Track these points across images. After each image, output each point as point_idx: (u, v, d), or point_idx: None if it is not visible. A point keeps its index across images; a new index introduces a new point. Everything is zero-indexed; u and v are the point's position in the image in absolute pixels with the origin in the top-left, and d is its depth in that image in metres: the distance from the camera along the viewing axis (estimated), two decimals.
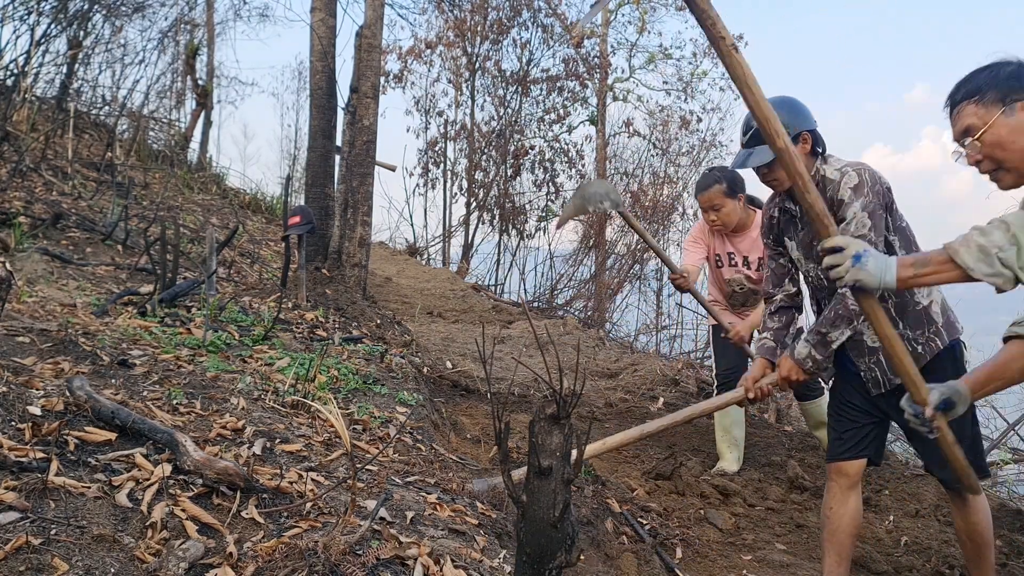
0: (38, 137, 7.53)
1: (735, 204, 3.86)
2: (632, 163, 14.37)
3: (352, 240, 5.77)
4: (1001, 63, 2.00)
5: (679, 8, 14.94)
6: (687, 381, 6.12)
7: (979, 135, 1.94)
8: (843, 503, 2.62)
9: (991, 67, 2.00)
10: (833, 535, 2.61)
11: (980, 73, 2.00)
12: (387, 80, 14.03)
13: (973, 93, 1.97)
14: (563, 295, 13.05)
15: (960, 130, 2.00)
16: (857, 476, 2.65)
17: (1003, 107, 1.91)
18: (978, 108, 1.95)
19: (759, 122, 1.87)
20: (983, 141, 1.94)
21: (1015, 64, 1.97)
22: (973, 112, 1.96)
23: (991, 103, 1.93)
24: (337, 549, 1.71)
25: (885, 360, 2.52)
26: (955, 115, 2.02)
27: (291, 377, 3.17)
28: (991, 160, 1.95)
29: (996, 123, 1.91)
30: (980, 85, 1.96)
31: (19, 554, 1.54)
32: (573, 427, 1.62)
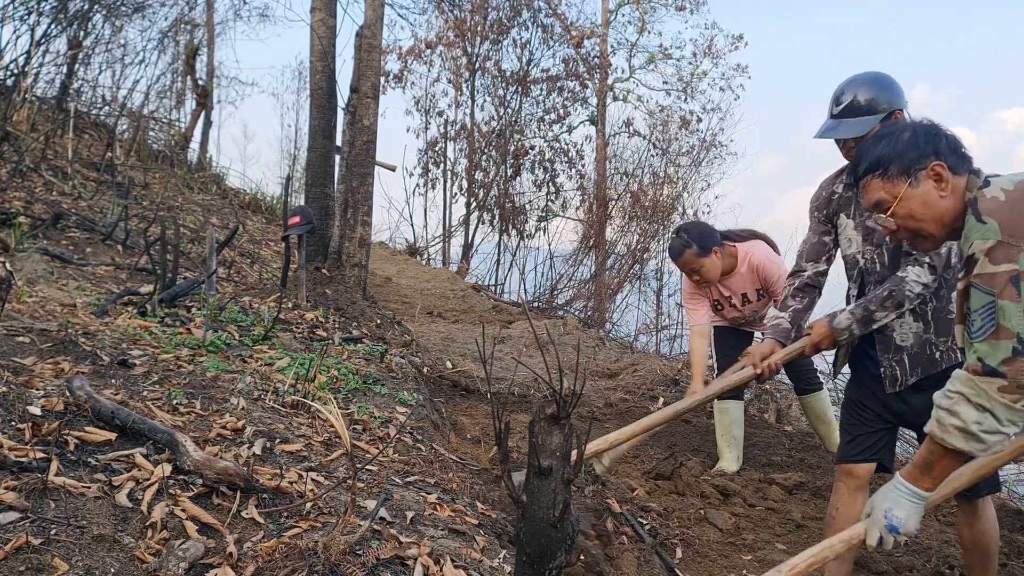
0: (38, 137, 7.53)
1: (712, 259, 3.82)
2: (632, 163, 14.38)
3: (352, 240, 5.77)
4: (896, 130, 2.00)
5: (679, 8, 14.95)
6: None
7: (891, 210, 1.96)
8: (850, 505, 2.60)
9: (887, 136, 2.00)
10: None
11: (878, 144, 2.00)
12: (387, 80, 14.04)
13: (876, 167, 1.97)
14: (563, 295, 13.06)
15: (870, 203, 2.01)
16: (866, 479, 2.63)
17: (909, 179, 1.93)
18: (884, 183, 1.96)
19: None
20: (896, 215, 1.95)
21: (910, 131, 1.98)
22: (880, 187, 1.97)
23: (895, 176, 1.94)
24: (337, 549, 1.71)
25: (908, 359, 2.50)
26: (862, 189, 2.03)
27: (291, 377, 3.17)
28: (906, 231, 1.97)
29: (905, 196, 1.93)
30: (880, 159, 1.97)
31: (19, 554, 1.54)
32: (573, 427, 1.62)
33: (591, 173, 14.55)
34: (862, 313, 2.48)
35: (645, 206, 13.48)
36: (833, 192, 2.71)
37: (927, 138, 1.95)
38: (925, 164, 1.92)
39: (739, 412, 4.19)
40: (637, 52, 15.21)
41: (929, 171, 1.92)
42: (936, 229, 1.93)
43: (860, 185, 2.03)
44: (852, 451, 2.62)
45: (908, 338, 2.50)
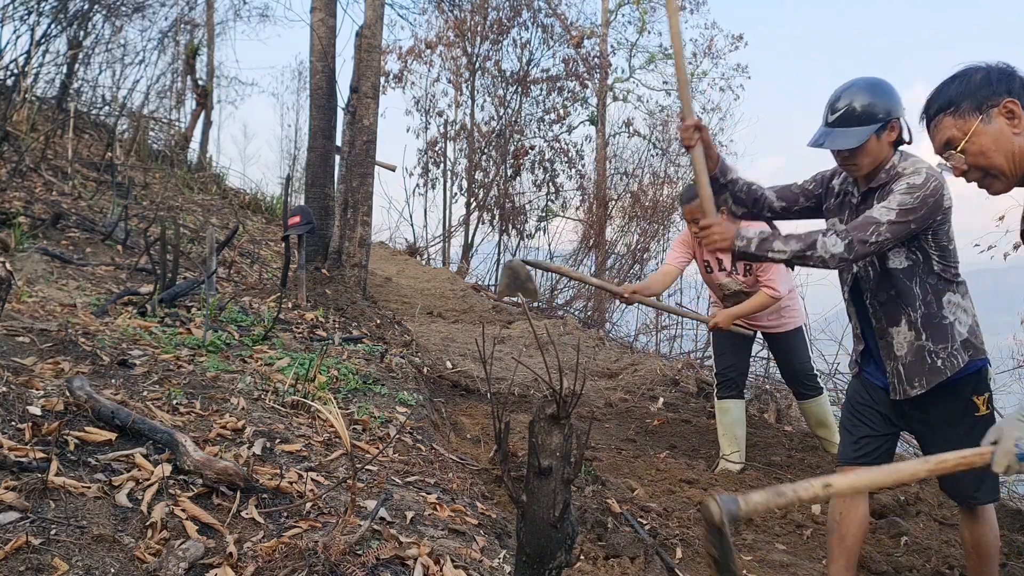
0: (38, 137, 7.53)
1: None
2: (632, 163, 14.38)
3: (352, 240, 5.77)
4: (970, 70, 1.98)
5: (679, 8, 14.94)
6: (687, 381, 6.13)
7: (961, 146, 1.92)
8: (853, 509, 2.58)
9: (961, 76, 1.98)
10: (842, 541, 2.59)
11: (951, 84, 1.98)
12: (387, 80, 14.04)
13: (947, 105, 1.95)
14: (563, 295, 13.05)
15: (940, 143, 1.98)
16: None
17: (980, 115, 1.90)
18: (955, 120, 1.94)
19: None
20: (967, 151, 1.92)
21: (984, 70, 1.96)
22: (951, 124, 1.94)
23: (968, 113, 1.92)
24: (337, 549, 1.71)
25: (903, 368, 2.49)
26: (932, 129, 2.00)
27: (291, 377, 3.17)
28: (977, 169, 1.93)
29: (976, 132, 1.90)
30: (953, 96, 1.95)
31: (19, 554, 1.54)
32: (573, 427, 1.62)
33: (591, 173, 14.56)
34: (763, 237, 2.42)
35: (645, 206, 13.48)
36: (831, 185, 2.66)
37: (1000, 76, 1.94)
38: (998, 101, 1.90)
39: (740, 411, 4.19)
40: (637, 52, 15.23)
41: (1002, 108, 1.90)
42: (1007, 166, 1.89)
43: (931, 126, 1.99)
44: (854, 453, 2.60)
45: (903, 347, 2.48)
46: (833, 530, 2.62)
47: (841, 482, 1.71)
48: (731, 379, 4.17)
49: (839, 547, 2.60)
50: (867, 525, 2.65)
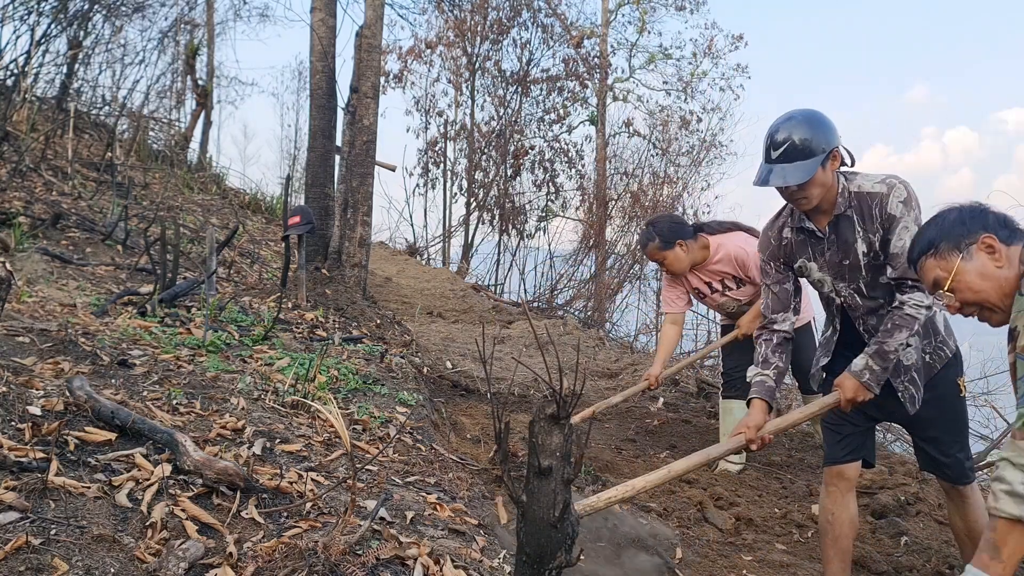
0: (38, 137, 7.53)
1: (675, 252, 3.92)
2: (632, 163, 14.37)
3: (352, 240, 5.77)
4: (944, 212, 2.06)
5: (679, 8, 14.96)
6: (687, 381, 6.12)
7: (948, 285, 1.99)
8: (844, 508, 2.60)
9: (936, 219, 2.06)
10: (836, 541, 2.60)
11: (928, 228, 2.07)
12: (387, 80, 14.04)
13: (928, 248, 2.03)
14: (563, 295, 13.05)
15: (929, 284, 2.06)
16: (855, 479, 2.65)
17: (960, 254, 1.97)
18: (937, 261, 2.00)
19: None
20: (955, 290, 1.98)
21: (956, 210, 2.04)
22: (934, 265, 2.01)
23: (947, 253, 1.99)
24: (337, 549, 1.71)
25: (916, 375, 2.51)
26: (919, 271, 2.08)
27: (291, 377, 3.17)
28: (970, 304, 1.99)
29: (960, 270, 1.96)
30: (932, 239, 2.02)
31: (19, 554, 1.54)
32: (573, 427, 1.62)
33: (591, 173, 14.55)
34: (875, 349, 2.44)
35: (645, 206, 13.47)
36: (783, 239, 2.65)
37: (973, 214, 2.02)
38: (974, 238, 1.97)
39: (743, 411, 4.19)
40: (637, 52, 15.22)
41: (980, 244, 1.96)
42: (999, 299, 1.95)
43: (917, 268, 2.07)
44: (841, 452, 2.63)
45: (911, 355, 2.50)
46: (826, 532, 2.63)
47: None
48: (737, 379, 4.18)
49: (834, 548, 2.61)
50: (858, 524, 2.67)
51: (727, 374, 4.25)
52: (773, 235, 2.67)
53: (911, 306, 2.39)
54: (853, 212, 2.45)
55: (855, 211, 2.44)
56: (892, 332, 2.42)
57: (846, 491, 2.62)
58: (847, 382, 2.46)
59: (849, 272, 2.51)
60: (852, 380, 2.45)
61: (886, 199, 2.40)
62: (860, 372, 2.44)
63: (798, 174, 2.37)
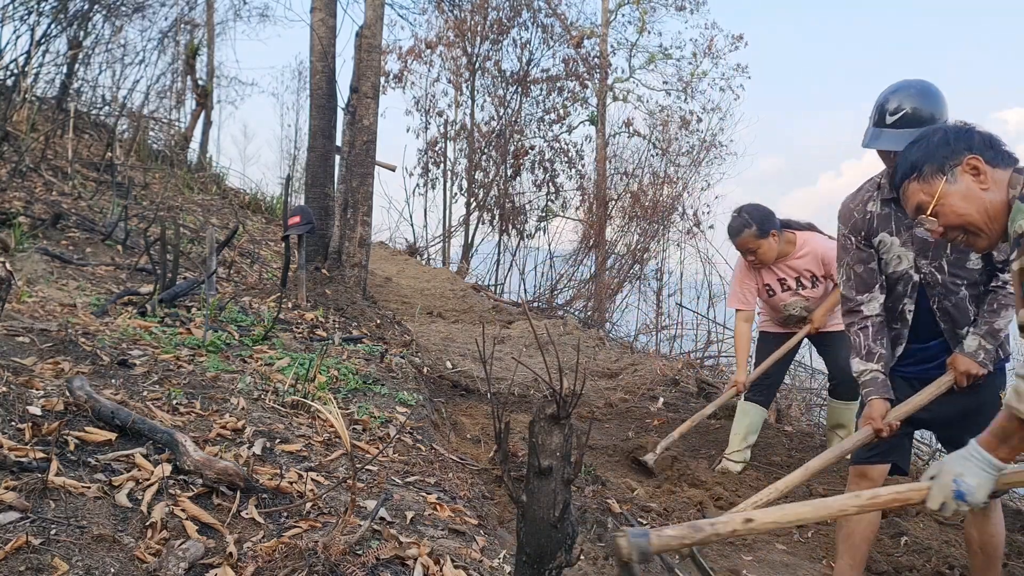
0: (38, 137, 7.53)
1: (769, 242, 3.89)
2: (632, 163, 14.37)
3: (352, 240, 5.77)
4: (928, 132, 2.00)
5: (679, 8, 14.96)
6: (687, 381, 6.12)
7: (931, 209, 1.93)
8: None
9: (920, 140, 2.00)
10: (848, 538, 2.59)
11: (911, 149, 2.00)
12: (387, 80, 14.03)
13: (911, 171, 1.97)
14: (563, 295, 13.04)
15: (912, 208, 1.99)
16: (880, 481, 2.59)
17: (944, 176, 1.91)
18: (920, 184, 1.95)
19: None
20: (938, 214, 1.93)
21: (941, 130, 1.98)
22: (918, 189, 1.96)
23: (931, 176, 1.93)
24: (337, 549, 1.71)
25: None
26: (903, 198, 2.02)
27: (291, 377, 3.17)
28: (954, 229, 1.93)
29: (943, 193, 1.91)
30: (915, 161, 1.96)
31: (19, 554, 1.54)
32: (573, 427, 1.62)
33: (591, 173, 14.55)
34: (985, 329, 2.42)
35: (645, 206, 13.47)
36: (867, 212, 2.57)
37: (959, 135, 1.95)
38: (959, 159, 1.91)
39: (759, 417, 4.21)
40: (637, 52, 15.21)
41: (965, 166, 1.90)
42: (984, 222, 1.89)
43: (900, 194, 2.01)
44: (868, 452, 2.58)
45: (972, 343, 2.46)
46: (841, 525, 2.62)
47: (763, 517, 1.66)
48: (762, 385, 4.19)
49: (846, 543, 2.60)
50: (876, 527, 2.64)
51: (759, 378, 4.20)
52: (856, 207, 2.59)
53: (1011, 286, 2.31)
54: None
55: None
56: (999, 311, 2.41)
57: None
58: (961, 361, 2.44)
59: (934, 248, 2.46)
60: (965, 359, 2.43)
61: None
62: (975, 352, 2.42)
63: (901, 141, 2.30)
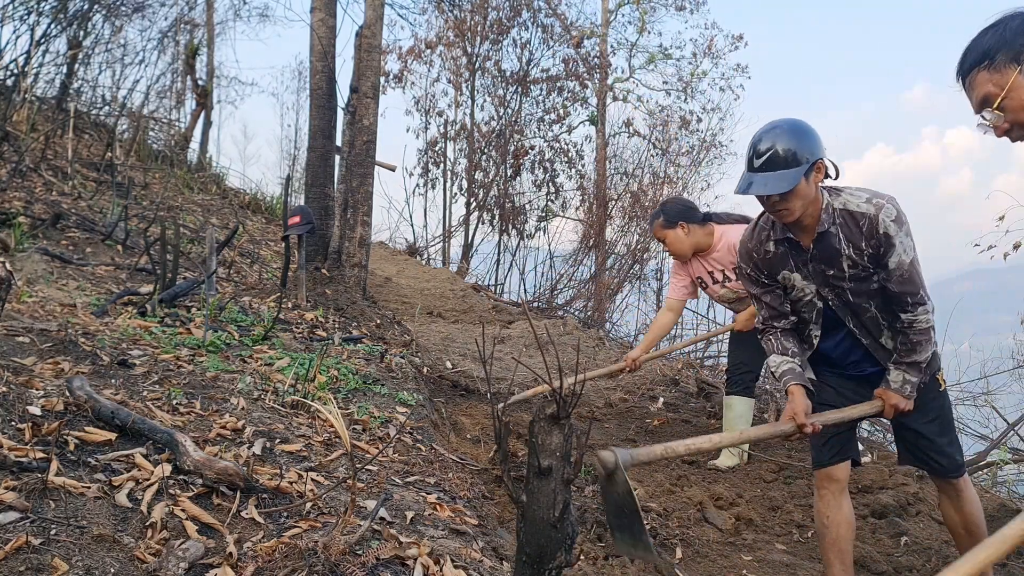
0: (38, 137, 7.53)
1: (676, 233, 4.00)
2: (632, 163, 14.37)
3: (352, 240, 5.77)
4: (1006, 18, 1.76)
5: (679, 8, 14.96)
6: (687, 381, 6.12)
7: (998, 103, 1.72)
8: (838, 509, 2.60)
9: (996, 25, 1.76)
10: (835, 543, 2.60)
11: (985, 35, 1.77)
12: (387, 80, 14.04)
13: (982, 59, 1.74)
14: (563, 295, 13.04)
15: (978, 101, 1.77)
16: (846, 479, 2.64)
17: (1019, 67, 1.70)
18: (991, 74, 1.73)
19: None
20: (1006, 108, 1.72)
21: (1021, 16, 1.74)
22: (987, 79, 1.74)
23: (1003, 65, 1.71)
24: (337, 549, 1.71)
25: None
26: (968, 86, 1.79)
27: (291, 377, 3.17)
28: (1020, 126, 1.73)
29: (1015, 85, 1.70)
30: (988, 48, 1.74)
31: (19, 554, 1.54)
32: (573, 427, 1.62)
33: (591, 173, 14.55)
34: (906, 367, 2.46)
35: (645, 206, 13.47)
36: (766, 252, 2.58)
37: None
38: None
39: (745, 408, 4.23)
40: (637, 52, 15.22)
41: None
42: None
43: (966, 83, 1.80)
44: (827, 454, 2.62)
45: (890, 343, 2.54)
46: (824, 535, 2.63)
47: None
48: (739, 376, 4.23)
49: (833, 550, 2.61)
50: (854, 523, 2.66)
51: (730, 371, 4.32)
52: (754, 248, 2.60)
53: (921, 322, 2.39)
54: (839, 229, 2.40)
55: (840, 228, 2.40)
56: (915, 349, 2.43)
57: (838, 492, 2.62)
58: (889, 396, 2.49)
59: (834, 280, 2.48)
60: (894, 394, 2.48)
61: (875, 220, 2.34)
62: (901, 387, 2.47)
63: (780, 183, 2.31)
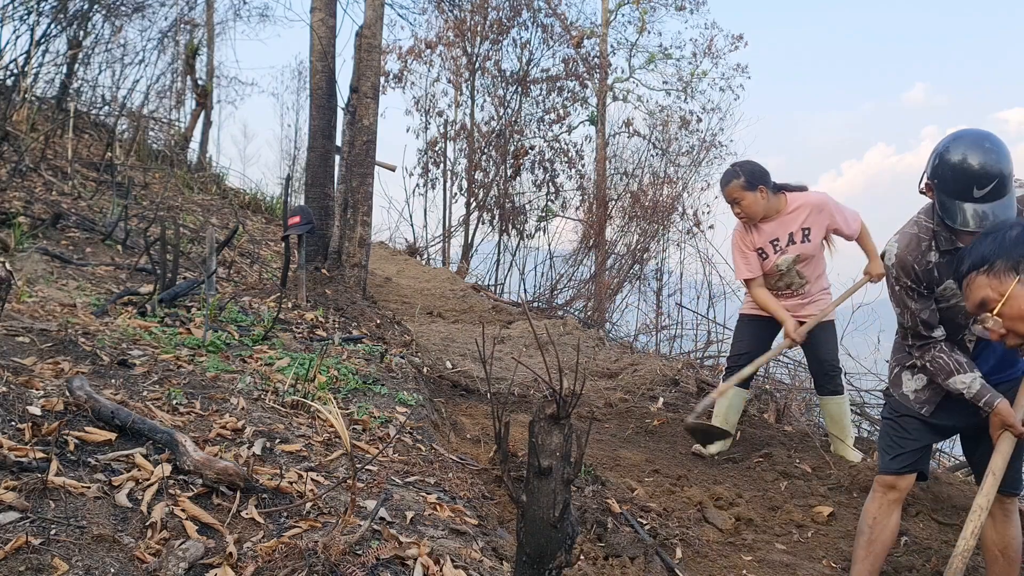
0: (38, 137, 7.53)
1: (755, 196, 3.98)
2: (632, 163, 14.38)
3: (352, 240, 5.77)
4: (1003, 226, 1.84)
5: (679, 8, 14.97)
6: (687, 381, 6.12)
7: (997, 309, 1.78)
8: (887, 515, 2.59)
9: (994, 232, 1.84)
10: (871, 544, 2.61)
11: (984, 241, 1.83)
12: (387, 80, 14.04)
13: (980, 263, 1.81)
14: (563, 295, 13.05)
15: (975, 304, 1.83)
16: (906, 491, 2.63)
17: (1017, 276, 1.75)
18: (990, 280, 1.79)
19: None
20: (1003, 315, 1.78)
21: (1019, 227, 1.82)
22: (985, 284, 1.80)
23: (1002, 272, 1.78)
24: (337, 549, 1.71)
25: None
26: (965, 287, 1.86)
27: (291, 377, 3.17)
28: (1016, 335, 1.79)
29: (1013, 294, 1.75)
30: (987, 254, 1.81)
31: (19, 554, 1.54)
32: (573, 427, 1.62)
33: (591, 173, 14.55)
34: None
35: (645, 206, 13.48)
36: (928, 263, 2.41)
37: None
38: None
39: (738, 398, 4.27)
40: (637, 52, 15.23)
41: None
42: None
43: (963, 284, 1.87)
44: (897, 464, 2.61)
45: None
46: (863, 532, 2.63)
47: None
48: (740, 367, 4.24)
49: (866, 549, 2.61)
50: (896, 535, 2.66)
51: (731, 359, 4.37)
52: (916, 260, 2.41)
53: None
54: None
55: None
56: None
57: (894, 501, 2.61)
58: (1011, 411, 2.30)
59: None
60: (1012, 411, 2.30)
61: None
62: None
63: (1010, 212, 2.13)
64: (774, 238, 4.08)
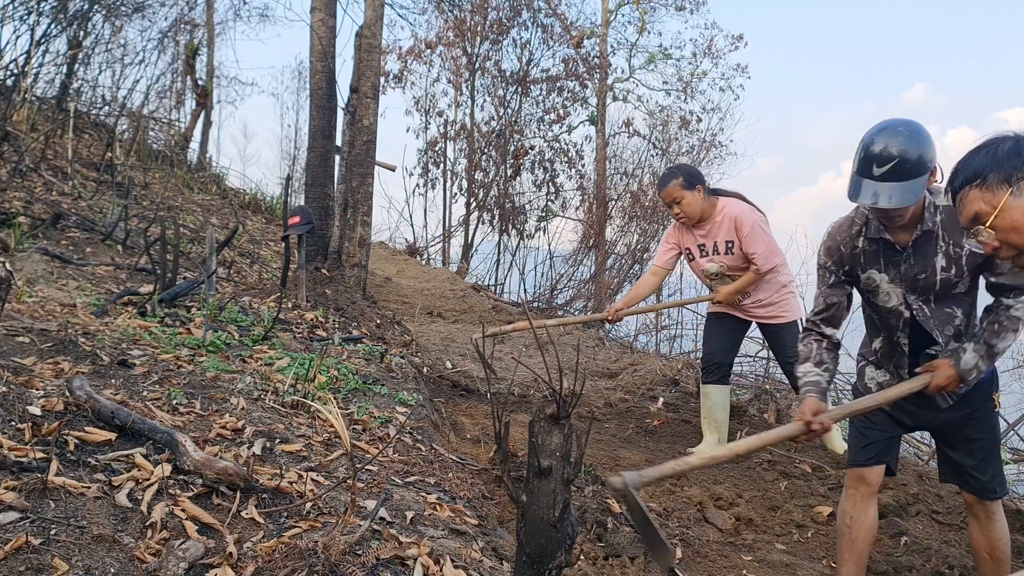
0: (38, 137, 7.53)
1: (694, 195, 4.05)
2: (632, 163, 14.38)
3: (352, 240, 5.77)
4: (997, 140, 1.84)
5: (679, 8, 14.97)
6: (687, 381, 6.12)
7: (990, 221, 1.78)
8: (863, 512, 2.59)
9: (987, 146, 1.84)
10: (853, 544, 2.60)
11: (977, 154, 1.84)
12: (387, 80, 14.04)
13: (974, 177, 1.81)
14: (563, 295, 13.05)
15: (968, 217, 1.83)
16: (877, 484, 2.62)
17: (1010, 188, 1.75)
18: (983, 192, 1.79)
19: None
20: (996, 227, 1.78)
21: (1012, 139, 1.82)
22: (978, 197, 1.79)
23: (995, 185, 1.77)
24: (337, 549, 1.71)
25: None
26: (959, 203, 1.85)
27: (291, 377, 3.17)
28: (1009, 246, 1.79)
29: (1006, 206, 1.75)
30: (980, 167, 1.81)
31: (19, 554, 1.54)
32: (573, 427, 1.62)
33: (591, 173, 14.55)
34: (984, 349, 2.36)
35: (645, 206, 13.48)
36: (855, 247, 2.50)
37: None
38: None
39: (721, 396, 4.28)
40: (637, 52, 15.23)
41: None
42: None
43: (957, 199, 1.86)
44: (865, 456, 2.61)
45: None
46: (843, 534, 2.63)
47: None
48: (713, 365, 4.29)
49: (849, 551, 2.61)
50: (876, 529, 2.66)
51: (704, 359, 4.38)
52: (844, 241, 2.51)
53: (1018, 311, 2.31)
54: (939, 227, 2.36)
55: (941, 226, 2.36)
56: (1000, 333, 2.34)
57: (867, 496, 2.60)
58: (945, 370, 2.35)
59: (923, 285, 2.42)
60: (952, 370, 2.35)
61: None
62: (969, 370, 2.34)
63: (907, 195, 2.21)
64: (702, 243, 4.16)
